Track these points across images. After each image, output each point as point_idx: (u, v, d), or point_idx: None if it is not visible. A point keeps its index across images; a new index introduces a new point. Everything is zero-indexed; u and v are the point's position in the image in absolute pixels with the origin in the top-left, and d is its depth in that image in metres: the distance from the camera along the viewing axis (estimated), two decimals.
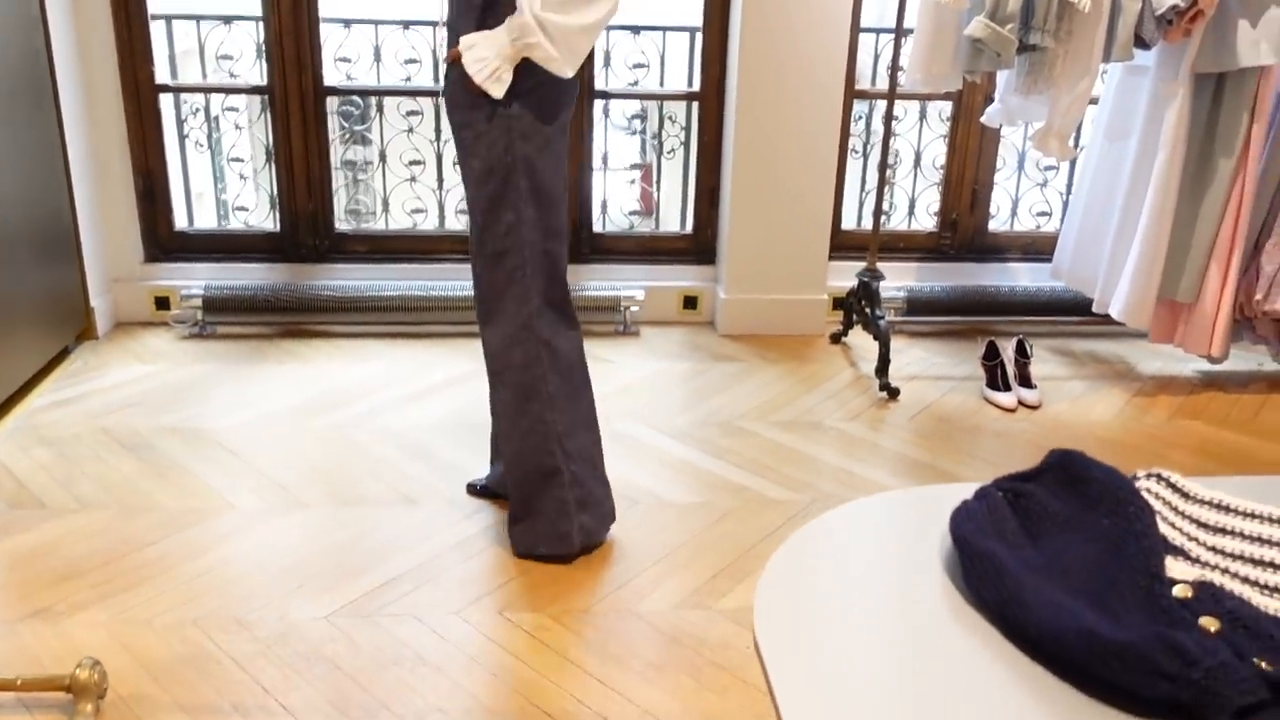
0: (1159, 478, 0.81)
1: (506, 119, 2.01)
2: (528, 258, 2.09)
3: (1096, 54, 2.96)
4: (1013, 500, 0.81)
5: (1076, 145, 3.63)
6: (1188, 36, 2.97)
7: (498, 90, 1.96)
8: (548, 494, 2.23)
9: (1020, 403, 3.16)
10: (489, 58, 1.94)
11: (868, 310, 3.33)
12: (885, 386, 3.19)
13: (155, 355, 3.35)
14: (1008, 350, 3.27)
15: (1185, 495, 0.79)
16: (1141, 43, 2.98)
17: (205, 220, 3.69)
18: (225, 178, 3.70)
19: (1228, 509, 0.78)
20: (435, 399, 3.09)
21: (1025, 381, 3.22)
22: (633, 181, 3.93)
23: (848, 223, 3.77)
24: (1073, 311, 3.57)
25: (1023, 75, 3.07)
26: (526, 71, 1.98)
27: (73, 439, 2.81)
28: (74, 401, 3.02)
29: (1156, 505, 0.78)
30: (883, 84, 3.76)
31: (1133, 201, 3.18)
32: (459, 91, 2.03)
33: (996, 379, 3.22)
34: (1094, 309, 3.34)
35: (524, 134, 2.02)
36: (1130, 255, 3.18)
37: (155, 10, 3.36)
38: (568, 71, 1.94)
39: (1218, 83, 3.04)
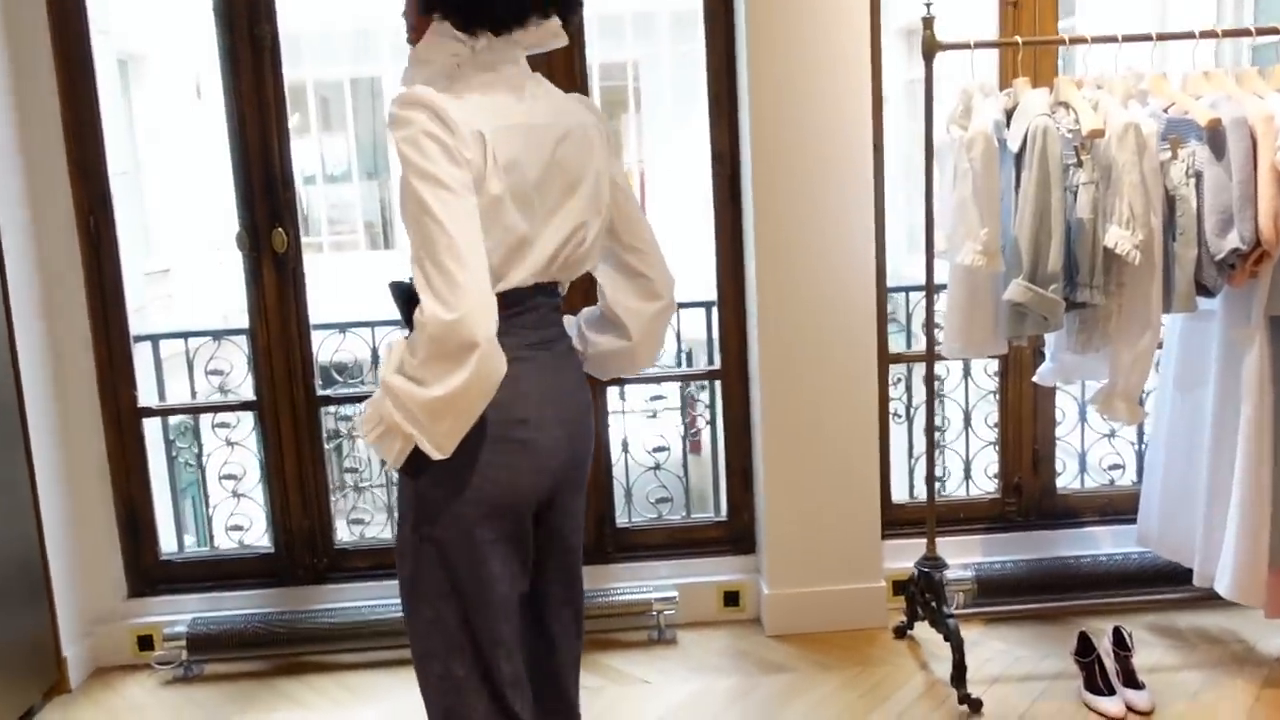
0: None
1: (413, 492, 1.63)
2: (454, 668, 1.64)
3: (1155, 307, 2.65)
4: None
5: (1143, 403, 3.27)
6: (1255, 278, 2.66)
7: (389, 457, 1.56)
8: None
9: (1129, 708, 2.67)
10: (374, 417, 1.57)
11: (933, 605, 2.90)
12: (965, 698, 2.72)
13: (133, 709, 2.97)
14: (1104, 642, 2.81)
15: None
16: (1204, 290, 2.67)
17: (195, 544, 3.40)
18: (216, 498, 3.43)
19: None
20: None
21: (1130, 680, 2.73)
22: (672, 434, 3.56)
23: (898, 495, 3.39)
24: (1170, 581, 3.08)
25: (1075, 333, 2.76)
26: None
27: None
28: None
29: None
30: (918, 344, 3.48)
31: (1221, 459, 2.79)
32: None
33: (1096, 679, 2.74)
34: (1195, 582, 2.88)
35: (430, 516, 1.62)
36: (1229, 521, 2.75)
37: (139, 331, 3.20)
38: (433, 452, 1.52)
39: None
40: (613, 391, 3.34)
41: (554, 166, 1.65)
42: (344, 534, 3.43)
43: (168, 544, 3.33)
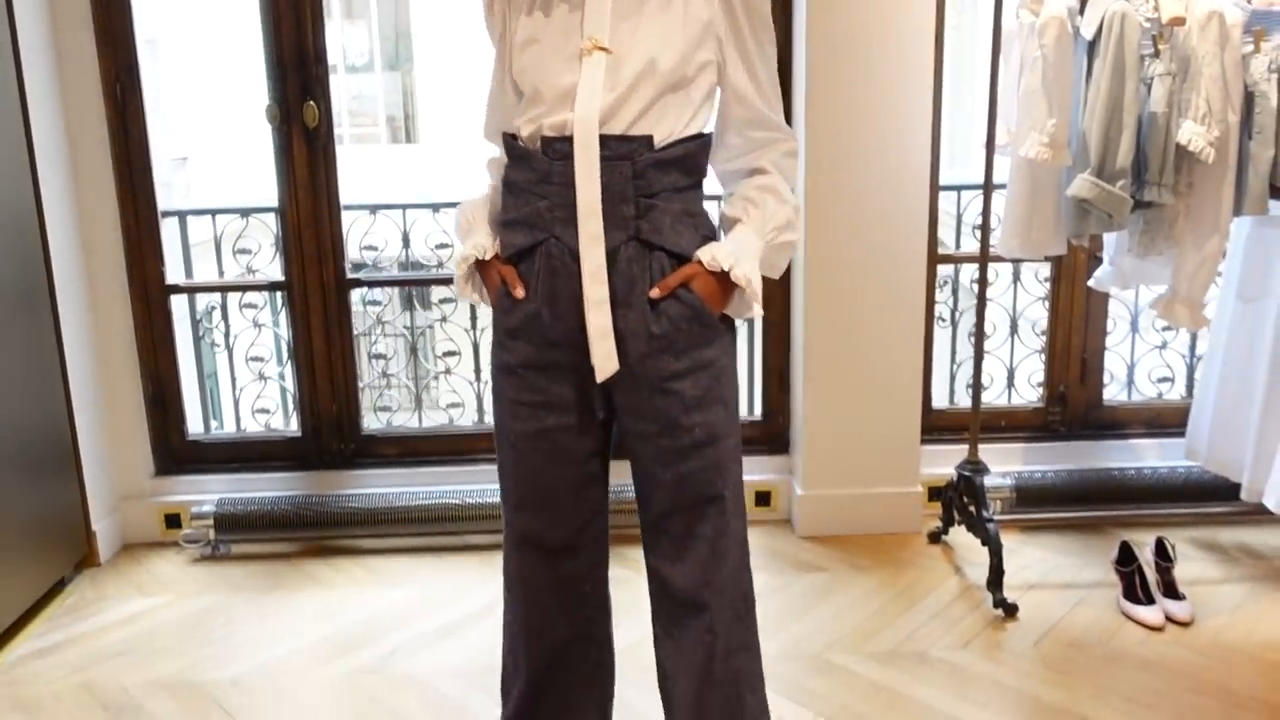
0: None
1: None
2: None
3: (1225, 209, 2.54)
4: None
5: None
6: None
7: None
8: None
9: (1168, 618, 2.62)
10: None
11: (971, 509, 2.85)
12: (1000, 603, 2.68)
13: (160, 585, 2.97)
14: (1145, 553, 2.75)
15: None
16: (1277, 192, 2.55)
17: (223, 425, 3.37)
18: (242, 380, 3.38)
19: None
20: (470, 632, 2.65)
21: (1170, 591, 2.69)
22: None
23: (938, 400, 3.32)
24: (1215, 497, 3.03)
25: (1137, 235, 2.65)
26: None
27: (51, 699, 2.42)
28: (60, 649, 2.64)
29: None
30: (968, 245, 3.37)
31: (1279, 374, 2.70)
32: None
33: (1135, 589, 2.69)
34: (1243, 497, 2.81)
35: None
36: None
37: (166, 206, 3.12)
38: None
39: None
40: None
41: None
42: (371, 421, 3.38)
43: (194, 424, 3.29)
